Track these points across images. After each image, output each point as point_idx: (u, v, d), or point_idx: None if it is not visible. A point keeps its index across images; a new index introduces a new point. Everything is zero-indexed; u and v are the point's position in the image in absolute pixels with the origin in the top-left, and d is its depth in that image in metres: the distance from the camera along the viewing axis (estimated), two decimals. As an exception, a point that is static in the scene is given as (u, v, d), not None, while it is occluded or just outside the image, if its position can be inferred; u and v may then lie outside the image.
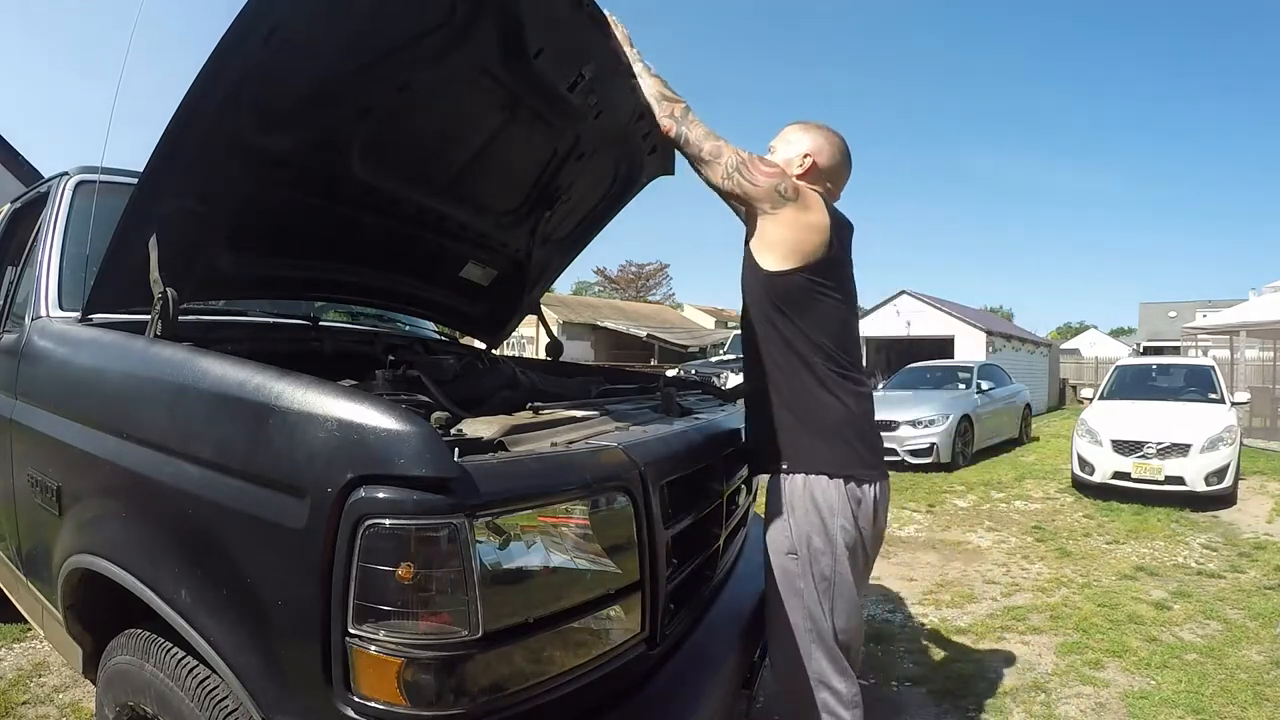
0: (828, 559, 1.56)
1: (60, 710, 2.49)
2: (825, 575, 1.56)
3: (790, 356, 1.62)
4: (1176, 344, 24.09)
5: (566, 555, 1.08)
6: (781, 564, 1.60)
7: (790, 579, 1.58)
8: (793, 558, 1.58)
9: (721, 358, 13.19)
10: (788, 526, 1.59)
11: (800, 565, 1.57)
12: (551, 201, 2.27)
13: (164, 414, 1.28)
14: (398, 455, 0.93)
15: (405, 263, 2.30)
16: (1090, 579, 4.48)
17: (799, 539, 1.57)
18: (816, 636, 1.56)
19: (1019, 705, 2.78)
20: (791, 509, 1.59)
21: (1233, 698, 2.82)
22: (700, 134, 1.65)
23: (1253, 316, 13.51)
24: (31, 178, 9.38)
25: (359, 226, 2.01)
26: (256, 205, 1.73)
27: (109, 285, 1.56)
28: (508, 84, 1.73)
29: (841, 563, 1.56)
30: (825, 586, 1.56)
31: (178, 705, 1.18)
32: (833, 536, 1.55)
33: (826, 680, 1.56)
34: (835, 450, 1.59)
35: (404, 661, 0.92)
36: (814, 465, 1.58)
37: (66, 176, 2.12)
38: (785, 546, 1.59)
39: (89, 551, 1.40)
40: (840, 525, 1.56)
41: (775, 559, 1.61)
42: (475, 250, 2.39)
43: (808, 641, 1.57)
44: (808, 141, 1.77)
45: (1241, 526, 5.99)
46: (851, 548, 1.57)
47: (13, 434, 1.77)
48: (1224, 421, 6.99)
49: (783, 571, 1.59)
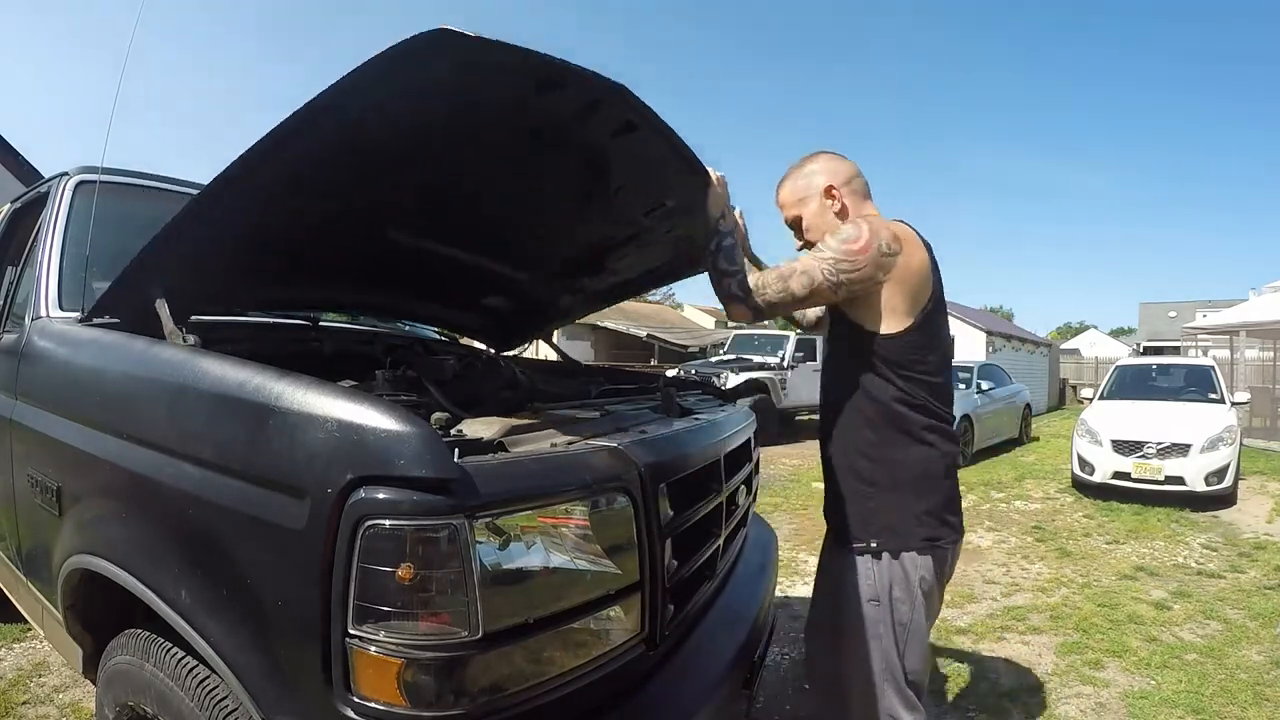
0: (906, 607, 1.57)
1: (60, 710, 2.49)
2: (903, 622, 1.58)
3: (894, 415, 1.55)
4: (1176, 344, 24.08)
5: (566, 556, 1.08)
6: (862, 611, 1.61)
7: (871, 624, 1.60)
8: (874, 604, 1.59)
9: (721, 358, 13.16)
10: (871, 574, 1.59)
11: (881, 612, 1.58)
12: (597, 271, 2.24)
13: (164, 414, 1.28)
14: (398, 456, 0.93)
15: (431, 289, 2.30)
16: (1090, 579, 4.48)
17: (881, 588, 1.58)
18: (890, 676, 1.59)
19: (1019, 705, 2.78)
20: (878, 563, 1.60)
21: (1233, 698, 2.82)
22: (778, 284, 1.51)
23: (1253, 316, 13.50)
24: (31, 178, 9.39)
25: (395, 259, 2.02)
26: (294, 240, 1.72)
27: (120, 301, 1.56)
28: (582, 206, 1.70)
29: (919, 610, 1.58)
30: (901, 631, 1.58)
31: (178, 705, 1.18)
32: (912, 587, 1.57)
33: (896, 715, 1.60)
34: (926, 522, 1.57)
35: (404, 662, 0.92)
36: (907, 543, 1.57)
37: (66, 176, 2.12)
38: (868, 594, 1.59)
39: (89, 552, 1.40)
40: (921, 577, 1.58)
41: (855, 607, 1.62)
42: (504, 288, 2.38)
43: (881, 680, 1.60)
44: (817, 176, 1.68)
45: (1241, 526, 5.99)
46: (928, 594, 1.59)
47: (13, 434, 1.77)
48: (1224, 421, 6.99)
49: (862, 618, 1.61)
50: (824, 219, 1.66)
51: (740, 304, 1.56)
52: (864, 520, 1.60)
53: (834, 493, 1.69)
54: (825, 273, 1.48)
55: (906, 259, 1.52)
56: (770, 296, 1.53)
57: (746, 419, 2.12)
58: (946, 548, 1.61)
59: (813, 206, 1.67)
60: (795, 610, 3.84)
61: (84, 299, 1.81)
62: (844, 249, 1.48)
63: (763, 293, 1.53)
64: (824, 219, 1.66)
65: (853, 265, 1.48)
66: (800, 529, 5.69)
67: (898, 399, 1.55)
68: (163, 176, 2.36)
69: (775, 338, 13.36)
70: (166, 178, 2.37)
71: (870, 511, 1.59)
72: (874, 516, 1.59)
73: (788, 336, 13.00)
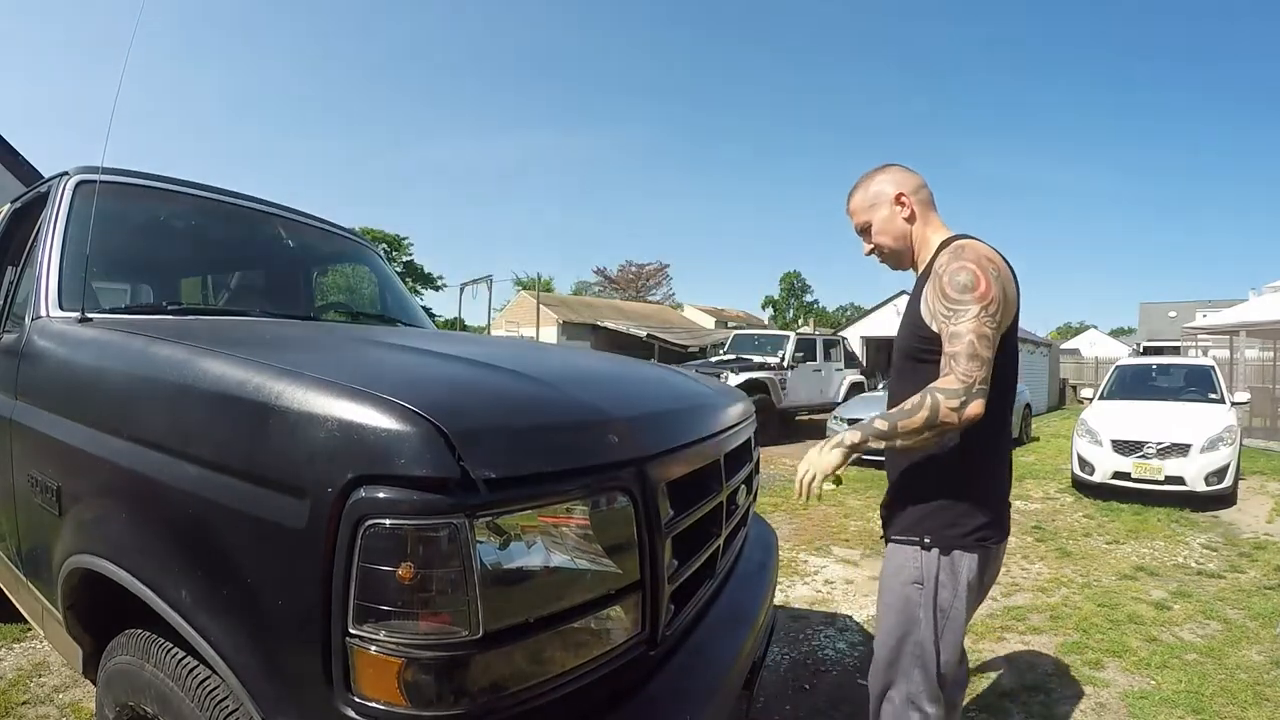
0: (949, 592, 1.62)
1: (60, 710, 2.49)
2: (944, 609, 1.62)
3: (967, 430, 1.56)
4: (1176, 344, 24.07)
5: (567, 555, 1.08)
6: (905, 591, 1.65)
7: (910, 606, 1.64)
8: (917, 587, 1.64)
9: (722, 358, 13.16)
10: (918, 557, 1.64)
11: (924, 595, 1.63)
12: None
13: (164, 414, 1.28)
14: (398, 455, 0.93)
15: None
16: (1090, 579, 4.48)
17: (927, 571, 1.63)
18: (921, 662, 1.63)
19: (1019, 705, 2.78)
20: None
21: (1233, 698, 2.82)
22: (971, 364, 1.48)
23: (1253, 316, 13.51)
24: (31, 178, 9.38)
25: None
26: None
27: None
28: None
29: (960, 599, 1.63)
30: (941, 618, 1.63)
31: (178, 705, 1.18)
32: (958, 573, 1.63)
33: (919, 703, 1.63)
34: (981, 522, 1.63)
35: (404, 661, 0.92)
36: (959, 542, 1.63)
37: (66, 176, 2.12)
38: (912, 576, 1.65)
39: (89, 552, 1.40)
40: (968, 566, 1.63)
41: (897, 584, 1.67)
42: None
43: (910, 664, 1.64)
44: (887, 185, 1.75)
45: (1241, 526, 5.99)
46: (972, 585, 1.64)
47: (13, 434, 1.77)
48: (1224, 421, 6.99)
49: (904, 599, 1.65)
50: (894, 224, 1.74)
51: (965, 405, 1.47)
52: (919, 516, 1.66)
53: (894, 489, 1.76)
54: (987, 324, 1.51)
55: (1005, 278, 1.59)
56: (980, 377, 1.49)
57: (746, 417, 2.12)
58: (991, 546, 1.66)
59: (883, 213, 1.74)
60: (795, 610, 3.85)
61: (84, 299, 1.81)
62: (977, 295, 1.52)
63: (966, 380, 1.48)
64: (894, 224, 1.74)
65: (994, 303, 1.53)
66: (800, 529, 5.70)
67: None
68: (163, 176, 2.36)
69: (775, 338, 13.36)
70: (166, 178, 2.37)
71: (927, 509, 1.65)
72: (932, 516, 1.65)
73: (788, 336, 13.00)
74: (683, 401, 1.63)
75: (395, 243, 38.23)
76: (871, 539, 5.39)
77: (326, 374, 1.09)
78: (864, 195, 1.77)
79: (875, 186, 1.76)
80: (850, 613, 3.82)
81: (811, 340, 13.43)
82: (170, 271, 2.50)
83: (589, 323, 30.89)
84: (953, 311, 1.54)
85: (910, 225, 1.74)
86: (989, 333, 1.51)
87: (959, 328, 1.52)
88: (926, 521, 1.65)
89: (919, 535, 1.65)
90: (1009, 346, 1.64)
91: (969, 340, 1.50)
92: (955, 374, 1.50)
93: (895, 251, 1.77)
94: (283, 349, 1.51)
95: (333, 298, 3.23)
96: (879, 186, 1.76)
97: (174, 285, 2.51)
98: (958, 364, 1.50)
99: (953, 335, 1.53)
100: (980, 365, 1.49)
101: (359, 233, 3.31)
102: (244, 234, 2.65)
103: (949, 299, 1.55)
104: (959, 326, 1.52)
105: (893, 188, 1.74)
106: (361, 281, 3.29)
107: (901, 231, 1.74)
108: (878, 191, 1.75)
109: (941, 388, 1.49)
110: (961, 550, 1.62)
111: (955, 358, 1.51)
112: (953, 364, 1.51)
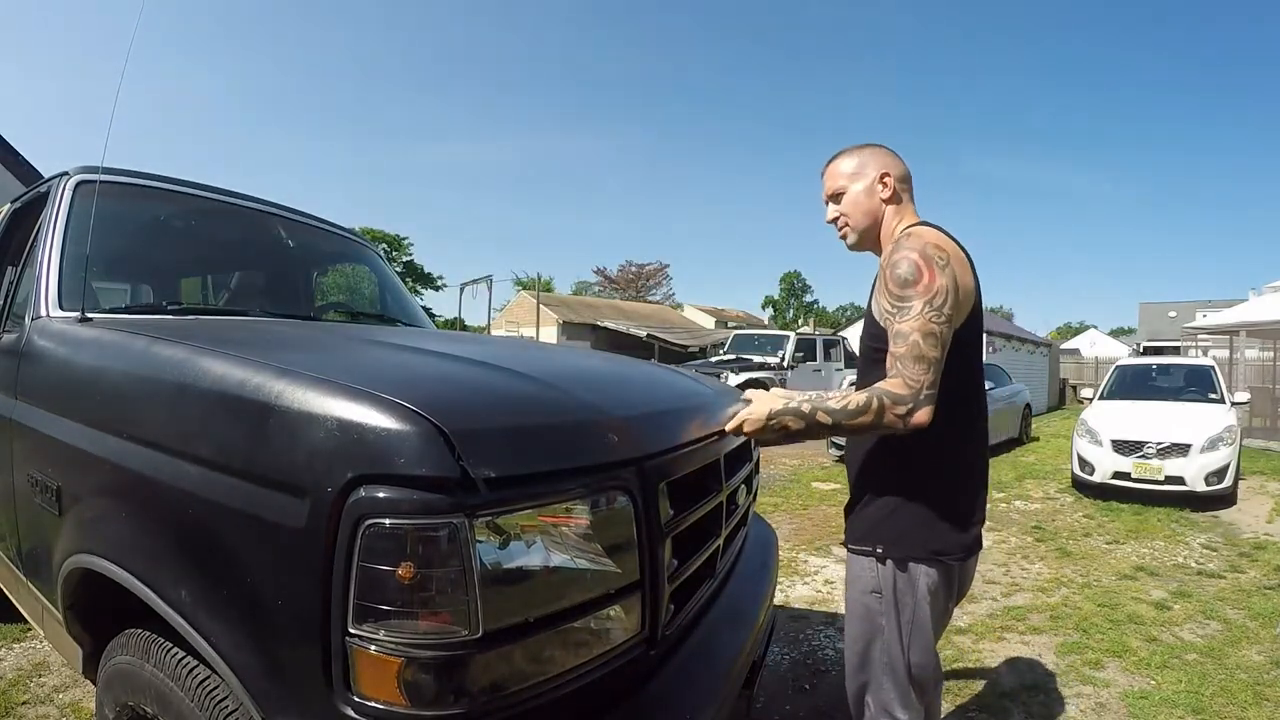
0: (909, 601, 1.57)
1: (60, 710, 2.49)
2: (907, 618, 1.57)
3: (922, 433, 1.44)
4: (1176, 344, 24.08)
5: (566, 555, 1.08)
6: (864, 600, 1.62)
7: (872, 614, 1.60)
8: (876, 595, 1.59)
9: (722, 358, 13.16)
10: (874, 568, 1.59)
11: (884, 604, 1.58)
12: None
13: (164, 413, 1.28)
14: (398, 455, 0.93)
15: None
16: (1090, 579, 4.48)
17: (884, 581, 1.58)
18: (890, 669, 1.59)
19: (1019, 705, 2.78)
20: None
21: (1233, 698, 2.82)
22: (915, 367, 1.39)
23: (1253, 316, 13.51)
24: (31, 178, 9.39)
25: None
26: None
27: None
28: None
29: (923, 608, 1.57)
30: (906, 626, 1.58)
31: (178, 705, 1.18)
32: (915, 584, 1.56)
33: (891, 710, 1.60)
34: (940, 537, 1.55)
35: (404, 661, 0.92)
36: (912, 554, 1.56)
37: (66, 176, 2.12)
38: (870, 585, 1.60)
39: (89, 551, 1.40)
40: (925, 578, 1.56)
41: (857, 592, 1.64)
42: None
43: (880, 673, 1.60)
44: (875, 159, 1.66)
45: (1241, 526, 5.99)
46: (935, 593, 1.58)
47: (13, 434, 1.77)
48: (1224, 421, 6.99)
49: (865, 607, 1.62)
50: (870, 200, 1.65)
51: (912, 413, 1.38)
52: (872, 524, 1.61)
53: (853, 491, 1.71)
54: (933, 319, 1.40)
55: (958, 266, 1.49)
56: (926, 381, 1.39)
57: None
58: (952, 564, 1.58)
59: (863, 185, 1.65)
60: (795, 610, 3.85)
61: (84, 299, 1.81)
62: (920, 287, 1.42)
63: (913, 385, 1.38)
64: (870, 200, 1.65)
65: (940, 295, 1.42)
66: (800, 529, 5.70)
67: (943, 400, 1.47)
68: (163, 176, 2.36)
69: (775, 338, 13.37)
70: (166, 177, 2.37)
71: (879, 517, 1.60)
72: (882, 523, 1.59)
73: (788, 336, 13.01)
74: (683, 401, 1.63)
75: (395, 243, 38.24)
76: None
77: (326, 374, 1.09)
78: (848, 162, 1.68)
79: (864, 158, 1.67)
80: (850, 613, 3.82)
81: (811, 340, 13.44)
82: (170, 271, 2.50)
83: (589, 323, 30.89)
84: (896, 308, 1.45)
85: (885, 207, 1.64)
86: (936, 330, 1.40)
87: (903, 325, 1.42)
88: (880, 530, 1.58)
89: (871, 545, 1.59)
90: (969, 342, 1.54)
91: (914, 340, 1.40)
92: (902, 378, 1.40)
93: (860, 229, 1.67)
94: (283, 349, 1.51)
95: (333, 298, 3.23)
96: (867, 159, 1.67)
97: (174, 285, 2.51)
98: (904, 367, 1.40)
99: (897, 334, 1.43)
100: (927, 368, 1.39)
101: (359, 233, 3.31)
102: (244, 234, 2.65)
103: (892, 294, 1.46)
104: (903, 324, 1.42)
105: (878, 167, 1.65)
106: (361, 281, 3.29)
107: (874, 209, 1.64)
108: (864, 163, 1.66)
109: (887, 390, 1.40)
110: (916, 562, 1.55)
111: (900, 359, 1.40)
112: (899, 366, 1.40)
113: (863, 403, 1.40)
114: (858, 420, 1.41)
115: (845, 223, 1.68)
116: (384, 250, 3.59)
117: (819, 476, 8.21)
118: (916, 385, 1.38)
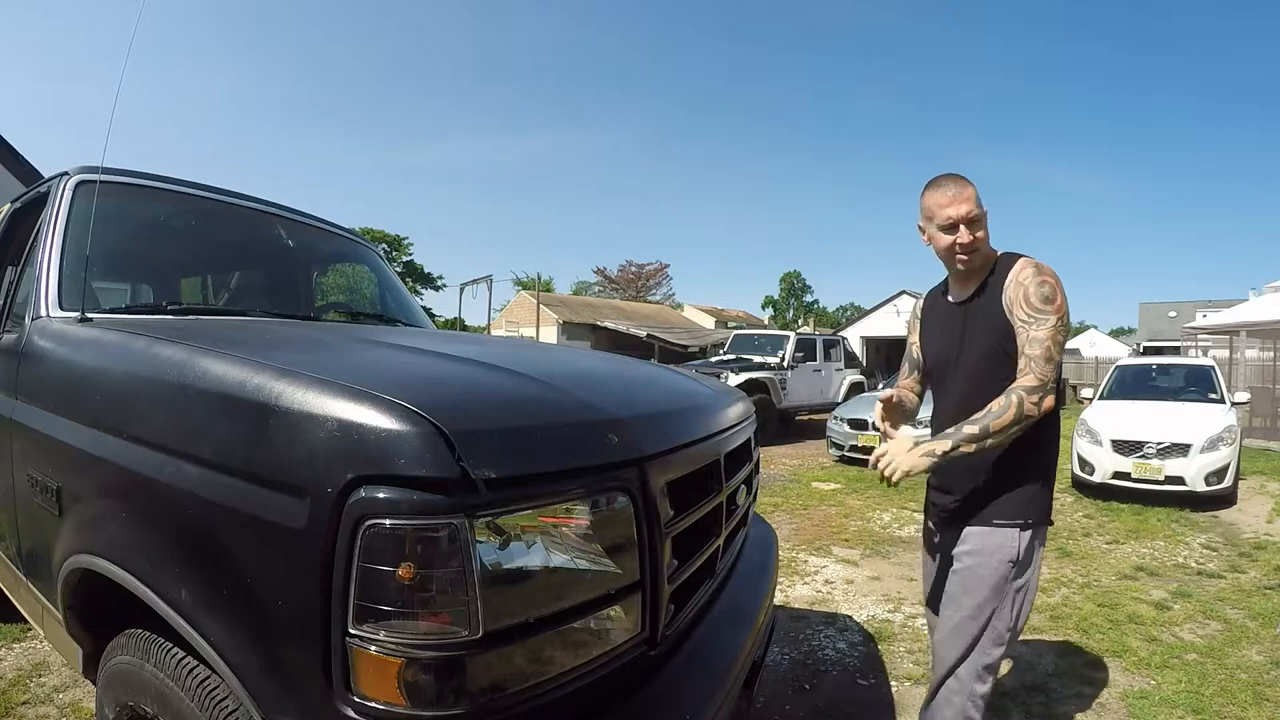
0: (1034, 567, 1.86)
1: (60, 710, 2.49)
2: (1029, 584, 1.85)
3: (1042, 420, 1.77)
4: (1176, 344, 24.07)
5: (566, 555, 1.08)
6: (1001, 571, 1.81)
7: (1004, 583, 1.81)
8: (1011, 565, 1.81)
9: (722, 358, 13.14)
10: (1018, 538, 1.82)
11: (1016, 572, 1.82)
12: None
13: (164, 414, 1.28)
14: (398, 455, 0.93)
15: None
16: (1090, 579, 4.48)
17: (1023, 549, 1.82)
18: (999, 638, 1.81)
19: (1019, 705, 2.77)
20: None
21: (1233, 698, 2.82)
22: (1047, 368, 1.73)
23: (1253, 316, 13.51)
24: (31, 178, 9.39)
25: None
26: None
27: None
28: None
29: (1037, 570, 1.89)
30: (1026, 594, 1.85)
31: (178, 705, 1.18)
32: (1040, 545, 1.88)
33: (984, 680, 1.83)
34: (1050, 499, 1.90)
35: (404, 661, 0.92)
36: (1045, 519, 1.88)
37: (66, 176, 2.12)
38: (1009, 555, 1.81)
39: (89, 551, 1.40)
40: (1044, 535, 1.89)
41: (995, 561, 1.82)
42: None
43: (990, 641, 1.81)
44: (921, 214, 1.91)
45: (1241, 526, 5.99)
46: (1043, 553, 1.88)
47: (13, 434, 1.77)
48: (1224, 421, 6.99)
49: (1001, 577, 1.81)
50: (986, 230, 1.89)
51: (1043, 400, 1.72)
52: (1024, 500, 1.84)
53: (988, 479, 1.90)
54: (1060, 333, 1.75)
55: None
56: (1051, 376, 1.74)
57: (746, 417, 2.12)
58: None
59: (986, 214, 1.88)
60: (795, 610, 3.85)
61: (84, 299, 1.81)
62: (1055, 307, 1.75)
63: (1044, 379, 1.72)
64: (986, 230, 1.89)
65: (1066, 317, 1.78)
66: (800, 529, 5.69)
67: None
68: (163, 176, 2.36)
69: (775, 338, 13.35)
70: (166, 177, 2.37)
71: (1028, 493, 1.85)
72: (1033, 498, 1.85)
73: (788, 336, 13.00)
74: (682, 401, 1.63)
75: (395, 243, 38.26)
76: (872, 539, 5.39)
77: (326, 374, 1.09)
78: (974, 191, 1.87)
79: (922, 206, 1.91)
80: (850, 613, 3.82)
81: (811, 340, 13.42)
82: (170, 271, 2.50)
83: (589, 323, 30.89)
84: (1033, 319, 1.75)
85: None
86: (1061, 339, 1.76)
87: (1039, 333, 1.74)
88: (1031, 505, 1.84)
89: (1023, 518, 1.82)
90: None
91: (1047, 346, 1.73)
92: (1034, 373, 1.72)
93: (984, 253, 1.89)
94: (283, 349, 1.51)
95: (333, 298, 3.23)
96: (922, 208, 1.91)
97: (174, 285, 2.51)
98: (1036, 365, 1.72)
99: (1032, 340, 1.74)
100: (1054, 368, 1.74)
101: (359, 233, 3.31)
102: (244, 234, 2.65)
103: (1032, 306, 1.76)
104: (1039, 332, 1.74)
105: (922, 218, 1.92)
106: (361, 281, 3.29)
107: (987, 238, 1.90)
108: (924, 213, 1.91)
109: (1024, 386, 1.71)
110: (1042, 526, 1.86)
111: (1034, 360, 1.73)
112: (1032, 365, 1.73)
113: (1003, 403, 1.71)
114: (1004, 418, 1.69)
115: (977, 247, 1.86)
116: (384, 250, 3.59)
117: (819, 476, 8.21)
118: (1046, 379, 1.72)
